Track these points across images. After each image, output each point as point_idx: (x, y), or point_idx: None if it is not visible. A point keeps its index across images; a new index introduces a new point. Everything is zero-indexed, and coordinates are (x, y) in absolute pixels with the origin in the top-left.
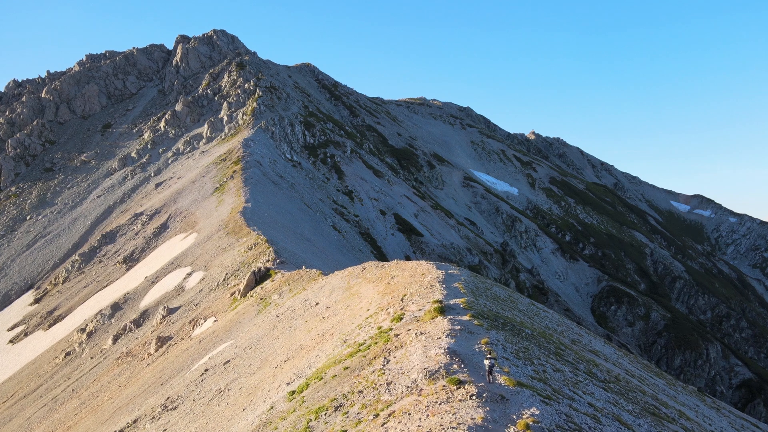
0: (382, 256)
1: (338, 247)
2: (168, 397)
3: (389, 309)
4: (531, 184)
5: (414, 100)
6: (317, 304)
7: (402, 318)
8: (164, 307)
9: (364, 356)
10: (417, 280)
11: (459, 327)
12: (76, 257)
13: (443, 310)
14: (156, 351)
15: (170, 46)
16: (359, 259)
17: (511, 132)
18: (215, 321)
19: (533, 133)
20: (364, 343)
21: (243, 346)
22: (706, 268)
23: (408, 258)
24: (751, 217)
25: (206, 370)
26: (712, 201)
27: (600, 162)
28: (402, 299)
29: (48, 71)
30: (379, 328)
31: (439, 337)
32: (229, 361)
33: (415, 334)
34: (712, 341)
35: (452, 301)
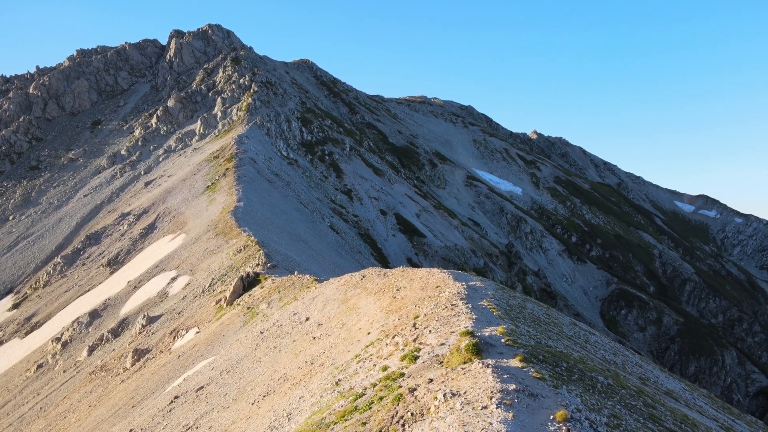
0: (382, 258)
1: (336, 249)
2: (131, 430)
3: (397, 337)
4: (535, 183)
5: (414, 98)
6: (308, 319)
7: (417, 357)
8: (144, 316)
9: (364, 423)
10: (431, 295)
11: (513, 385)
12: (58, 260)
13: (479, 348)
14: (132, 365)
15: (164, 42)
16: (358, 261)
17: (513, 131)
18: (197, 332)
19: (535, 132)
20: (363, 395)
21: (221, 369)
22: (715, 269)
23: (410, 260)
24: (757, 218)
25: (176, 397)
26: (717, 201)
27: (603, 162)
28: (414, 324)
29: (37, 67)
30: (384, 368)
31: (486, 406)
32: (203, 387)
33: (444, 394)
34: (727, 347)
35: (487, 332)
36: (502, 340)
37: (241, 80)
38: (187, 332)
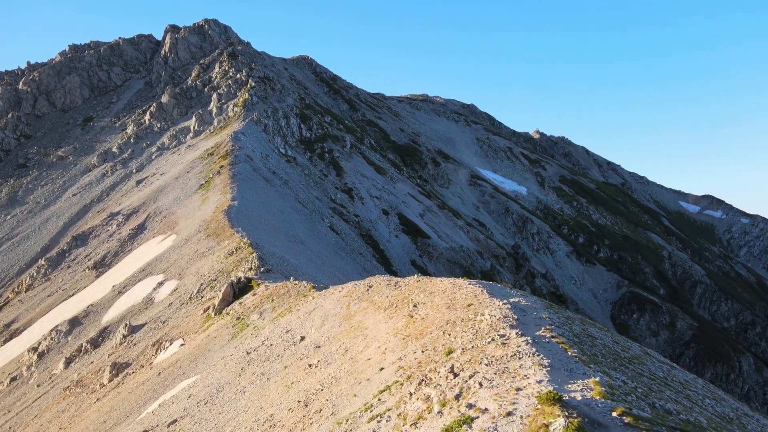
0: (385, 261)
1: (336, 251)
2: None
3: (426, 386)
4: (540, 182)
5: (416, 96)
6: (303, 339)
7: None
8: (126, 325)
9: None
10: (463, 318)
11: None
12: (42, 262)
13: None
14: (110, 381)
15: (159, 37)
16: (360, 264)
17: (515, 131)
18: (182, 345)
19: (537, 131)
20: None
21: (198, 397)
22: (724, 271)
23: (414, 263)
24: (764, 218)
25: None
26: (723, 201)
27: (606, 161)
28: (452, 367)
29: (28, 62)
30: None
31: None
32: (176, 421)
33: None
34: (743, 353)
35: (576, 391)
36: (614, 414)
37: (238, 75)
38: (170, 344)
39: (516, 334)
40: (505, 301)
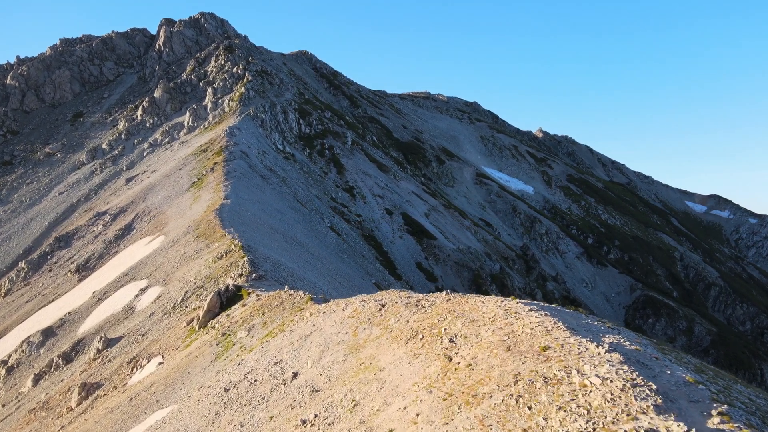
0: (388, 263)
1: (337, 253)
2: None
3: None
4: (547, 182)
5: (418, 93)
6: (295, 376)
7: None
8: (101, 338)
9: None
10: (545, 374)
11: None
12: (23, 265)
13: None
14: (78, 404)
15: (154, 31)
16: (362, 267)
17: (519, 129)
18: (160, 363)
19: (541, 130)
20: None
21: None
22: (736, 273)
23: (419, 265)
24: None
25: None
26: (730, 201)
27: (611, 161)
28: None
29: (17, 56)
30: None
31: None
32: None
33: None
34: (764, 359)
35: None
36: None
37: (234, 69)
38: (148, 362)
39: (669, 419)
40: (606, 346)
